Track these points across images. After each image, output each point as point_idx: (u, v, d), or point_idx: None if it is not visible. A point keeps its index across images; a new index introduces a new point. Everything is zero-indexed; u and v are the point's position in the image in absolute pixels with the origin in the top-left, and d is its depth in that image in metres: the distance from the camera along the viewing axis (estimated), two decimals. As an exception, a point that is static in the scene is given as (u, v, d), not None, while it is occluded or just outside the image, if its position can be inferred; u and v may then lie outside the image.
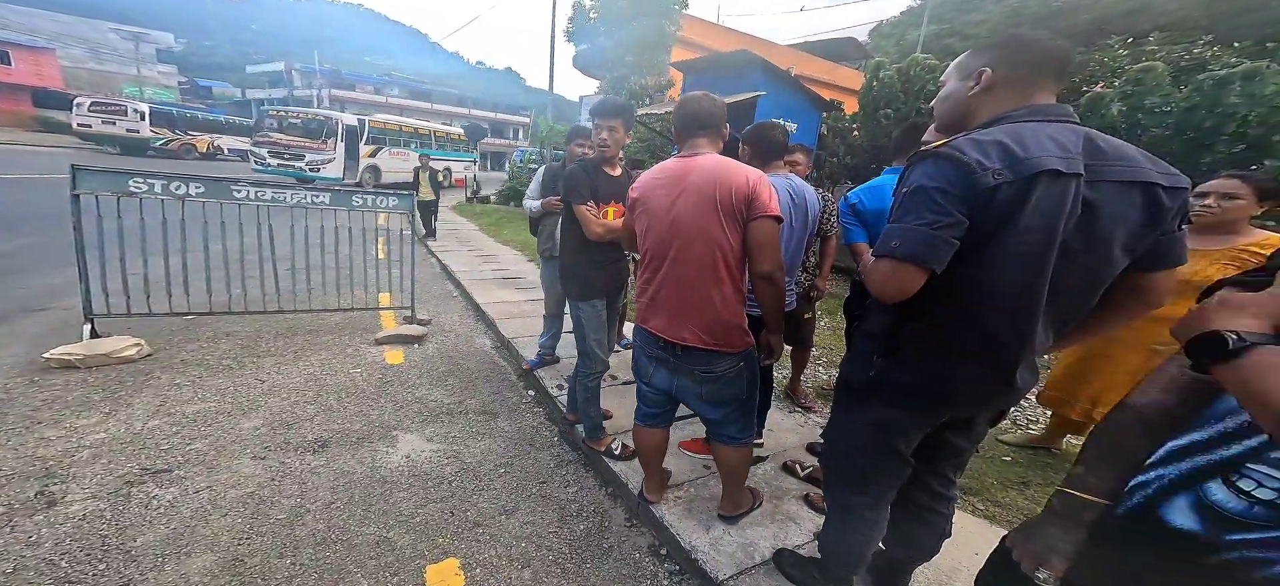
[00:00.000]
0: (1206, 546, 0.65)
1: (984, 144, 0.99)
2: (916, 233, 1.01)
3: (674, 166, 1.59)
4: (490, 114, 51.36)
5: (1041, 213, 0.97)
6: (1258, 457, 0.63)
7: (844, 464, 1.40)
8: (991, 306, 1.06)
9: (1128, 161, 0.99)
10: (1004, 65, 1.07)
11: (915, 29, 25.80)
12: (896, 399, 1.21)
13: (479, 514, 2.09)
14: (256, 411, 2.69)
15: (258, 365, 3.25)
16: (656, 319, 1.64)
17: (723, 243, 1.48)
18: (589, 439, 2.47)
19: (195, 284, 3.54)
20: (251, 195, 3.62)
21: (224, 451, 2.31)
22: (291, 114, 14.70)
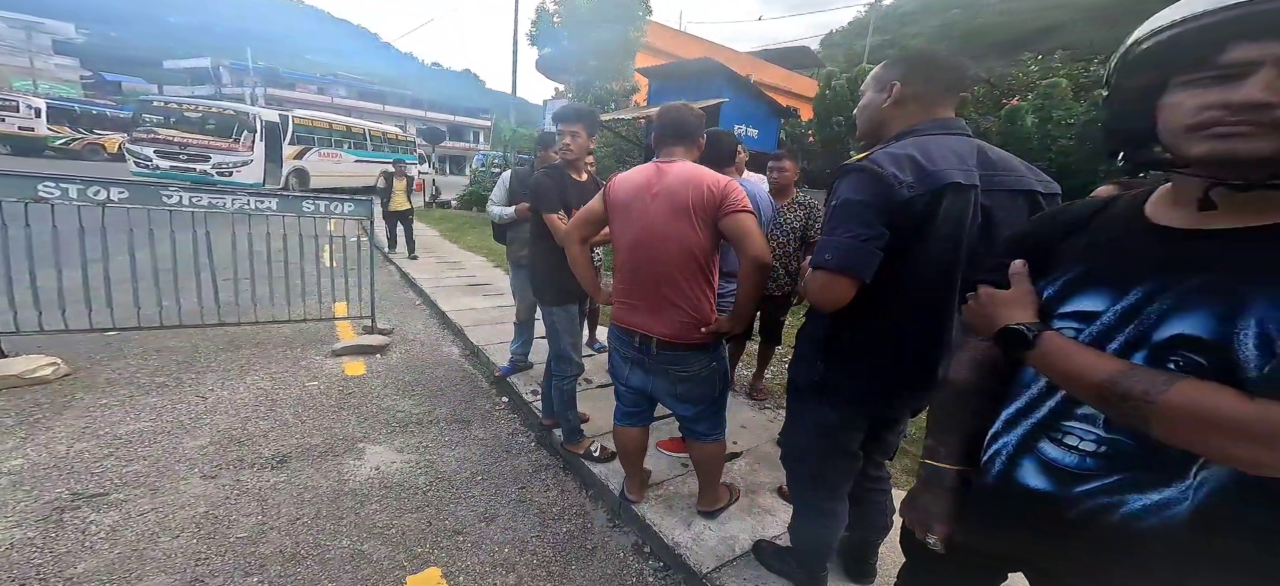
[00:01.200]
0: (1063, 501, 0.71)
1: (898, 158, 1.11)
2: (846, 245, 1.10)
3: (648, 172, 1.68)
4: (448, 116, 49.94)
5: (949, 221, 1.11)
6: (1068, 415, 0.72)
7: (799, 462, 1.53)
8: (911, 310, 1.19)
9: (1013, 171, 1.16)
10: (911, 80, 1.21)
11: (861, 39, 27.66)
12: (837, 399, 1.33)
13: (458, 522, 2.07)
14: (200, 429, 2.52)
15: (198, 381, 3.04)
16: (634, 317, 1.72)
17: (694, 243, 1.58)
18: (567, 443, 2.49)
19: (119, 297, 3.27)
20: (185, 201, 3.40)
21: (167, 472, 2.16)
22: (188, 106, 12.35)
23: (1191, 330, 0.62)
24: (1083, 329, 0.71)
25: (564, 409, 2.41)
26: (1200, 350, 0.61)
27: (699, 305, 1.63)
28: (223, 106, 13.03)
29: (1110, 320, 0.69)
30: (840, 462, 1.43)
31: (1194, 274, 0.63)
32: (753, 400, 3.24)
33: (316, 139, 14.28)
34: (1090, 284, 0.73)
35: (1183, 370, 0.61)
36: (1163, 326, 0.64)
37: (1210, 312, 0.61)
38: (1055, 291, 0.76)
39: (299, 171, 13.36)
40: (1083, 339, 0.70)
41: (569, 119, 2.24)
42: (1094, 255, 0.75)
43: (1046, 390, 0.75)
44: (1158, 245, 0.69)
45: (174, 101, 13.00)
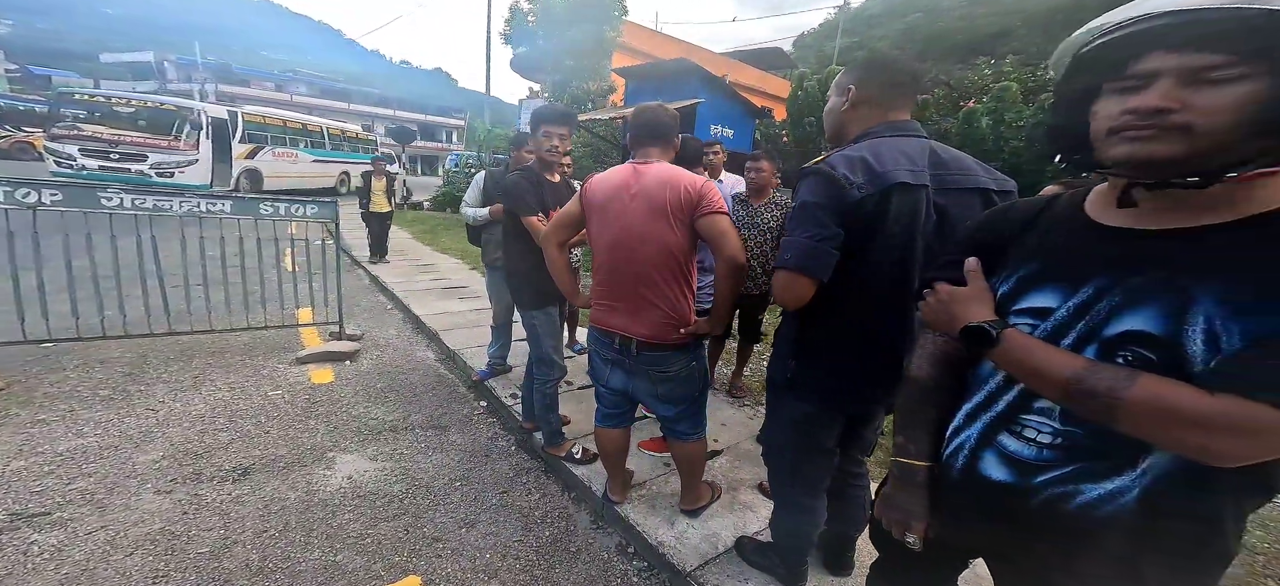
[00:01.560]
0: (1024, 491, 0.75)
1: (852, 160, 1.16)
2: (803, 245, 1.16)
3: (625, 173, 1.69)
4: (419, 116, 48.61)
5: (900, 220, 1.15)
6: (1026, 409, 0.76)
7: (777, 458, 1.58)
8: (872, 307, 1.24)
9: (966, 171, 1.22)
10: (866, 84, 1.28)
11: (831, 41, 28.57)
12: (808, 395, 1.37)
13: (437, 529, 2.03)
14: (152, 443, 2.39)
15: (147, 394, 2.88)
16: (613, 317, 1.73)
17: (672, 243, 1.60)
18: (548, 445, 2.48)
19: (56, 307, 3.07)
20: (126, 203, 3.21)
21: (117, 489, 2.04)
22: (118, 99, 11.22)
23: (1141, 326, 0.65)
24: (1037, 325, 0.75)
25: (546, 412, 2.40)
26: (1149, 345, 0.65)
27: (678, 305, 1.66)
28: (160, 100, 11.94)
29: (1064, 316, 0.72)
30: (816, 458, 1.48)
31: (1142, 272, 0.67)
32: (733, 398, 3.30)
33: (270, 137, 13.39)
34: (1044, 280, 0.76)
35: (1131, 364, 0.65)
36: (1113, 322, 0.67)
37: (1159, 310, 0.64)
38: (1010, 288, 0.80)
39: (251, 172, 12.47)
40: (1038, 335, 0.74)
41: (557, 121, 2.24)
42: (1046, 253, 0.78)
43: (1004, 384, 0.79)
44: (1107, 244, 0.72)
45: (101, 94, 11.80)
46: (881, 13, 36.91)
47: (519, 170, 2.33)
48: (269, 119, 13.97)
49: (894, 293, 1.23)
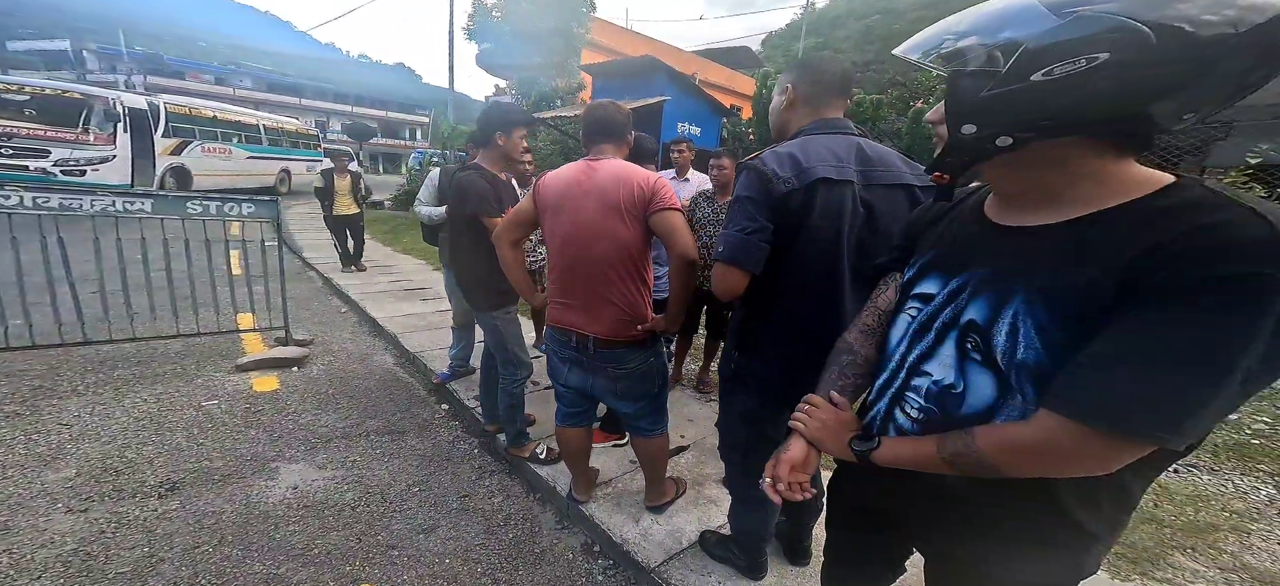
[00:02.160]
0: None
1: (781, 156, 1.21)
2: (734, 238, 1.21)
3: (578, 170, 1.69)
4: (380, 112, 46.80)
5: (825, 214, 1.20)
6: (908, 387, 0.82)
7: (729, 451, 1.60)
8: (804, 298, 1.28)
9: (890, 166, 1.29)
10: (801, 84, 1.34)
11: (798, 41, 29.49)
12: (751, 388, 1.41)
13: (392, 536, 1.95)
14: (63, 460, 2.19)
15: (59, 408, 2.65)
16: (569, 316, 1.72)
17: (626, 240, 1.61)
18: (512, 447, 2.43)
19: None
20: (26, 202, 2.94)
21: (21, 509, 1.86)
22: (7, 86, 9.55)
23: (976, 316, 0.72)
24: (922, 308, 0.82)
25: (512, 413, 2.35)
26: (979, 334, 0.71)
27: (634, 302, 1.67)
28: (62, 86, 10.46)
29: (939, 302, 0.79)
30: (765, 449, 1.48)
31: (986, 265, 0.73)
32: (700, 393, 3.34)
33: (198, 131, 12.24)
34: (934, 269, 0.83)
35: (975, 350, 0.72)
36: (966, 311, 0.74)
37: (987, 301, 0.71)
38: (913, 273, 0.87)
39: (178, 170, 11.35)
40: (921, 318, 0.81)
41: (525, 123, 2.24)
42: (941, 243, 0.85)
43: (897, 367, 0.85)
44: (980, 237, 0.78)
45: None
46: (843, 14, 38.41)
47: (474, 169, 2.20)
48: (197, 111, 12.75)
49: (824, 285, 1.27)
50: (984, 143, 0.67)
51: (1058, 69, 0.58)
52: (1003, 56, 0.62)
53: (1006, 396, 0.70)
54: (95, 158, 9.52)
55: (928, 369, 0.79)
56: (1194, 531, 2.18)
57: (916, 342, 0.82)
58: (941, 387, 0.77)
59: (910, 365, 0.82)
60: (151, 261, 3.30)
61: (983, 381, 0.72)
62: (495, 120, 2.21)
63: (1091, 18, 0.57)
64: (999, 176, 0.75)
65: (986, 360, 0.71)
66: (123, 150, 9.92)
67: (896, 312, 0.89)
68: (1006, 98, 0.62)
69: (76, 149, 9.36)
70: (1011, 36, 0.61)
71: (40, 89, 9.89)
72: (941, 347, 0.77)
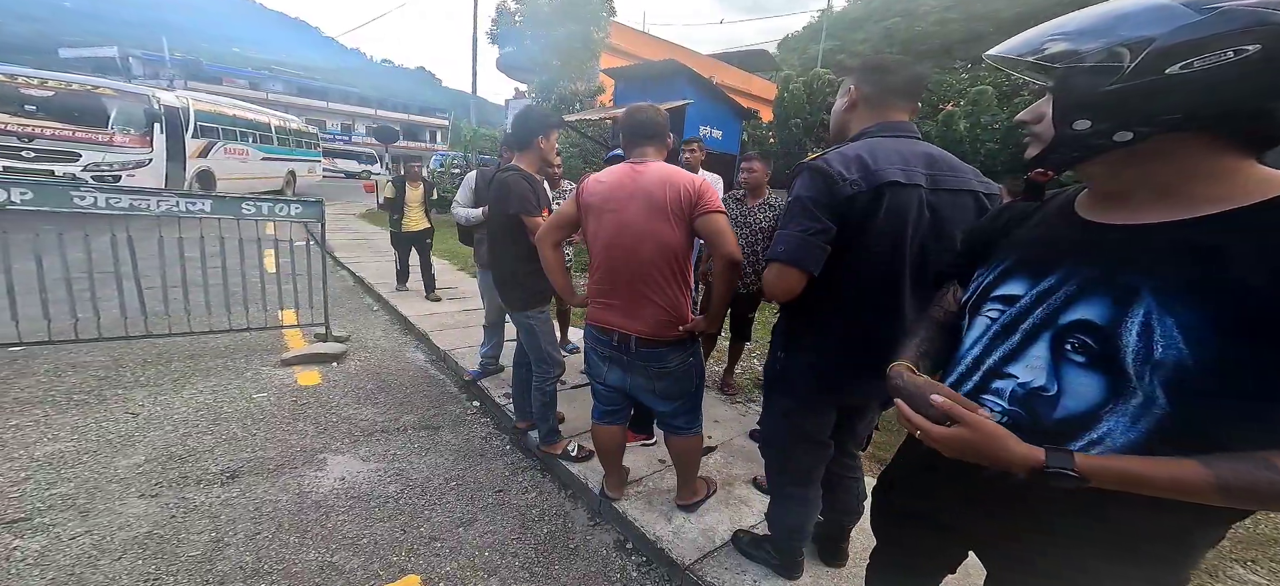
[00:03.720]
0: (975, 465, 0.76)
1: (847, 157, 1.20)
2: (794, 238, 1.20)
3: (622, 173, 1.73)
4: (402, 115, 47.76)
5: (890, 217, 1.19)
6: (986, 388, 0.80)
7: (771, 450, 1.62)
8: (862, 300, 1.27)
9: (957, 172, 1.29)
10: (865, 85, 1.33)
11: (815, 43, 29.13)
12: (796, 388, 1.41)
13: (434, 528, 2.03)
14: (133, 447, 2.34)
15: (125, 398, 2.81)
16: (611, 316, 1.76)
17: (671, 241, 1.64)
18: (544, 444, 2.49)
19: (25, 309, 2.97)
20: (100, 202, 3.13)
21: (99, 493, 2.00)
22: (26, 80, 8.28)
23: (1090, 316, 0.69)
24: (1004, 310, 0.80)
25: (545, 410, 2.41)
26: (1093, 334, 0.69)
27: (676, 303, 1.70)
28: (94, 82, 9.03)
29: (1026, 303, 0.77)
30: (808, 449, 1.50)
31: (1097, 264, 0.71)
32: (724, 395, 3.35)
33: (221, 131, 11.29)
34: (1018, 271, 0.81)
35: (1078, 351, 0.70)
36: (1068, 311, 0.72)
37: (1103, 301, 0.69)
38: (992, 278, 0.86)
39: (203, 174, 10.37)
40: (1002, 321, 0.80)
41: (557, 126, 2.31)
42: (1026, 245, 0.83)
43: (969, 370, 0.84)
44: (1076, 236, 0.76)
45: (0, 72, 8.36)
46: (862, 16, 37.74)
47: (512, 171, 2.28)
48: (220, 110, 11.87)
49: (884, 288, 1.27)
50: (1098, 138, 0.68)
51: (1198, 62, 0.59)
52: (1129, 52, 0.62)
53: (1119, 399, 0.67)
54: (130, 161, 8.52)
55: (1012, 371, 0.78)
56: (1254, 544, 2.13)
57: (997, 345, 0.80)
58: (1029, 390, 0.75)
59: (989, 368, 0.81)
60: (196, 260, 3.46)
61: (1085, 383, 0.70)
62: (536, 124, 2.28)
63: (1239, 11, 0.57)
64: (1108, 173, 0.74)
65: (1097, 361, 0.69)
66: (159, 153, 8.98)
67: (972, 316, 0.88)
68: (1134, 92, 0.63)
69: (109, 151, 8.35)
70: (1139, 33, 0.62)
71: (66, 84, 8.69)
72: (1030, 349, 0.76)
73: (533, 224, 2.17)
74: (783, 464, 1.58)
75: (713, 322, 1.75)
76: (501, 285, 2.43)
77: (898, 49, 29.52)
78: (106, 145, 8.36)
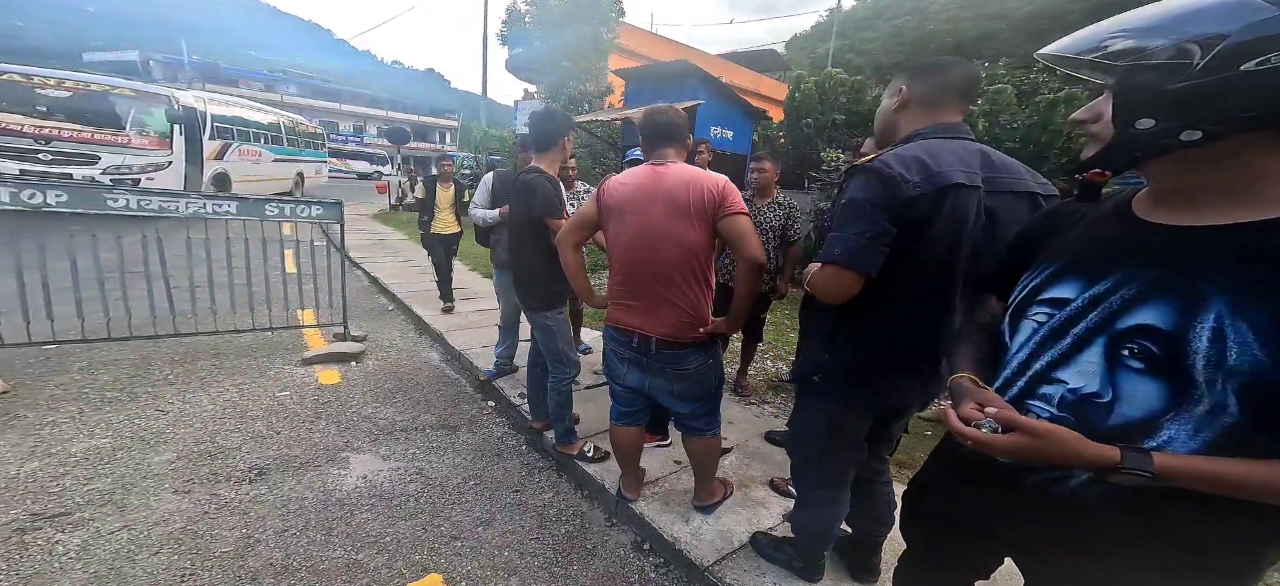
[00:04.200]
0: (1019, 472, 0.79)
1: (906, 159, 1.17)
2: (852, 241, 1.17)
3: (645, 175, 1.73)
4: (412, 116, 48.35)
5: (952, 219, 1.17)
6: (1032, 394, 0.78)
7: (804, 449, 1.59)
8: (914, 302, 1.26)
9: (1015, 174, 1.27)
10: (918, 85, 1.31)
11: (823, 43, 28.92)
12: (839, 390, 1.39)
13: (454, 528, 2.06)
14: (165, 444, 2.41)
15: (155, 395, 2.89)
16: (631, 317, 1.76)
17: (693, 243, 1.65)
18: (560, 445, 2.52)
19: (59, 308, 3.06)
20: (132, 204, 3.22)
21: (134, 489, 2.06)
22: (42, 80, 8.03)
23: (1153, 320, 0.67)
24: (1053, 314, 0.79)
25: (561, 411, 2.44)
26: (1156, 340, 0.67)
27: (697, 304, 1.70)
28: (112, 82, 8.76)
29: (1078, 306, 0.75)
30: (844, 451, 1.48)
31: (1160, 266, 0.69)
32: (738, 395, 3.36)
33: (236, 132, 11.09)
34: (1069, 273, 0.79)
35: (1136, 357, 0.68)
36: (1128, 315, 0.69)
37: (1168, 305, 0.66)
38: (1040, 280, 0.84)
39: (220, 176, 10.14)
40: (1051, 325, 0.78)
41: (573, 127, 2.32)
42: (1078, 247, 0.81)
43: (1015, 373, 0.82)
44: (1134, 238, 0.74)
45: (15, 72, 7.98)
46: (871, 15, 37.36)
47: (536, 173, 2.29)
48: (233, 109, 11.57)
49: (936, 291, 1.24)
50: (1164, 137, 0.66)
51: (1275, 59, 0.57)
52: (1199, 49, 0.61)
53: (1182, 406, 0.65)
54: (150, 164, 8.32)
55: (1061, 376, 0.76)
56: None
57: (1046, 349, 0.78)
58: (1080, 396, 0.73)
59: (1036, 372, 0.79)
60: (218, 259, 3.54)
61: (1143, 390, 0.68)
62: (563, 124, 2.34)
63: None
64: (1171, 173, 0.72)
65: (1159, 367, 0.67)
66: (178, 155, 8.77)
67: (1017, 319, 0.86)
68: (1204, 90, 0.61)
69: (129, 154, 8.15)
70: (1210, 29, 0.61)
71: (84, 84, 8.41)
72: (1082, 354, 0.74)
73: (556, 225, 2.19)
74: (818, 464, 1.54)
75: (734, 325, 1.75)
76: (521, 285, 2.45)
77: (907, 48, 29.21)
78: (126, 147, 8.17)
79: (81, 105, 8.13)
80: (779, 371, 3.92)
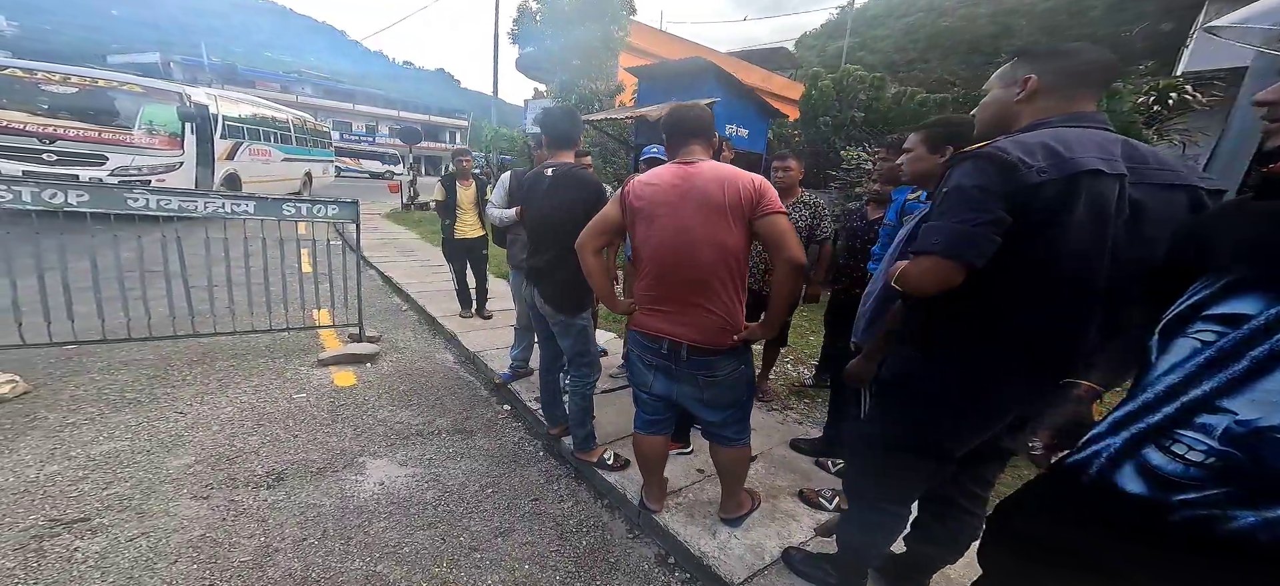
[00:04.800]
0: (1159, 507, 0.71)
1: (1028, 144, 1.04)
2: (956, 230, 1.05)
3: (674, 174, 1.64)
4: (423, 116, 49.02)
5: (1088, 210, 1.02)
6: (1185, 423, 0.71)
7: (871, 460, 1.43)
8: (1039, 304, 1.10)
9: (1167, 165, 1.08)
10: (1049, 73, 1.16)
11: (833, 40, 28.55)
12: (935, 399, 1.23)
13: (473, 538, 2.01)
14: (183, 448, 2.39)
15: (173, 397, 2.88)
16: (660, 322, 1.68)
17: (731, 245, 1.57)
18: (579, 451, 2.45)
19: (80, 308, 3.08)
20: (151, 203, 3.23)
21: (153, 493, 2.04)
22: (45, 74, 7.56)
23: None
24: (1226, 333, 0.69)
25: (584, 416, 2.37)
26: None
27: (732, 309, 1.62)
28: (121, 78, 8.25)
29: (1261, 324, 0.66)
30: (924, 466, 1.32)
31: None
32: (759, 401, 3.27)
33: (246, 131, 10.62)
34: (1249, 286, 0.70)
35: None
36: None
37: None
38: (1209, 292, 0.73)
39: (231, 177, 9.71)
40: (1219, 345, 0.68)
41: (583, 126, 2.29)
42: (1259, 256, 0.71)
43: (1165, 396, 0.74)
44: None
45: (17, 67, 7.57)
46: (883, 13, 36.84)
47: (578, 168, 2.25)
48: (243, 106, 11.03)
49: (1068, 293, 1.09)
50: None
51: None
52: None
53: None
54: (160, 164, 7.87)
55: (1228, 405, 0.68)
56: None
57: (1210, 373, 0.70)
58: (1254, 429, 0.65)
59: (1193, 400, 0.70)
60: (234, 259, 3.53)
61: None
62: (579, 124, 2.30)
63: None
64: None
65: None
66: (189, 155, 8.37)
67: (1171, 335, 0.77)
68: None
69: (139, 154, 7.70)
70: None
71: (92, 80, 7.86)
72: (1262, 382, 0.66)
73: None
74: (886, 477, 1.39)
75: (770, 329, 1.67)
76: (559, 287, 2.24)
77: (921, 45, 28.79)
78: (136, 147, 7.71)
79: (88, 102, 7.68)
80: (801, 376, 3.82)
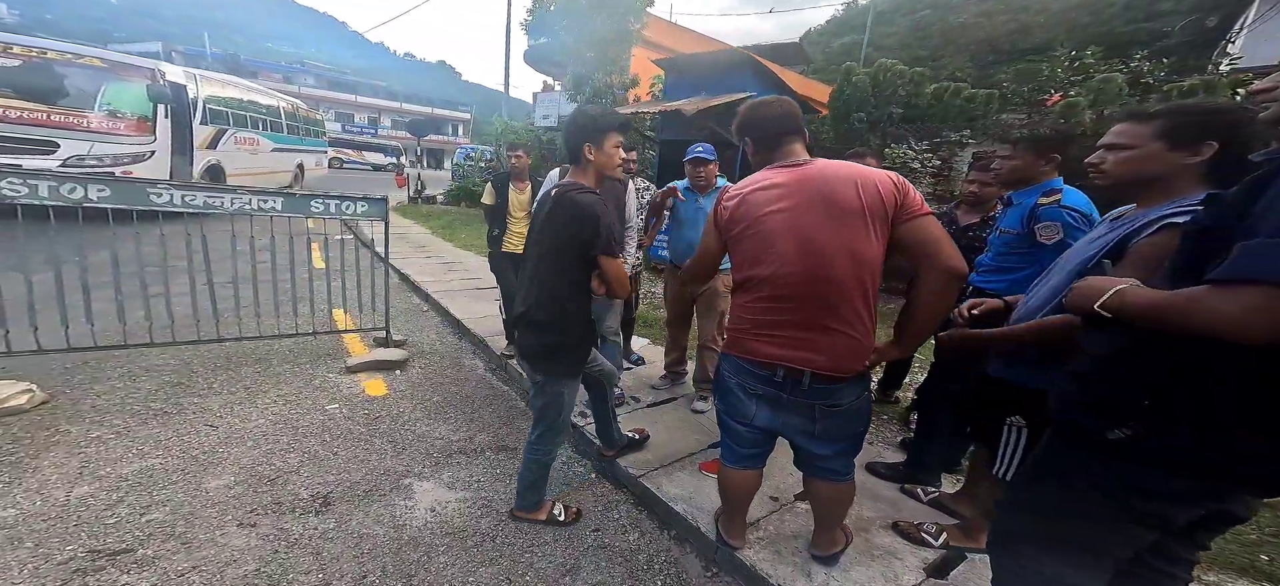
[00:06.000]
0: None
1: None
2: None
3: (785, 177, 1.47)
4: (426, 109, 49.15)
5: None
6: None
7: (1051, 525, 1.18)
8: None
9: None
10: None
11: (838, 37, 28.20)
12: (1171, 466, 0.98)
13: (538, 575, 1.88)
14: (221, 466, 2.27)
15: (202, 406, 2.77)
16: (777, 349, 1.49)
17: (869, 256, 1.39)
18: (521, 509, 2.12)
19: (99, 309, 2.97)
20: (177, 199, 3.12)
21: (196, 520, 1.91)
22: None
23: None
24: None
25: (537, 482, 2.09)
26: None
27: (866, 329, 1.45)
28: (77, 50, 6.96)
29: None
30: (1131, 534, 1.08)
31: None
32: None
33: (231, 117, 9.50)
34: None
35: None
36: None
37: None
38: None
39: (212, 168, 8.69)
40: None
41: (621, 129, 1.88)
42: None
43: None
44: None
45: None
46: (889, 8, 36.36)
47: (589, 192, 1.78)
48: (228, 89, 9.95)
49: None
50: None
51: None
52: None
53: None
54: (124, 154, 6.67)
55: None
56: None
57: None
58: None
59: None
60: (243, 254, 3.39)
61: None
62: (586, 128, 1.78)
63: None
64: None
65: None
66: (162, 143, 7.15)
67: None
68: None
69: (98, 141, 6.51)
70: None
71: (39, 51, 6.57)
72: None
73: (606, 265, 1.77)
74: (1080, 548, 1.14)
75: (910, 347, 1.51)
76: (545, 347, 1.86)
77: (933, 43, 28.52)
78: (95, 132, 6.50)
79: (35, 79, 6.39)
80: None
